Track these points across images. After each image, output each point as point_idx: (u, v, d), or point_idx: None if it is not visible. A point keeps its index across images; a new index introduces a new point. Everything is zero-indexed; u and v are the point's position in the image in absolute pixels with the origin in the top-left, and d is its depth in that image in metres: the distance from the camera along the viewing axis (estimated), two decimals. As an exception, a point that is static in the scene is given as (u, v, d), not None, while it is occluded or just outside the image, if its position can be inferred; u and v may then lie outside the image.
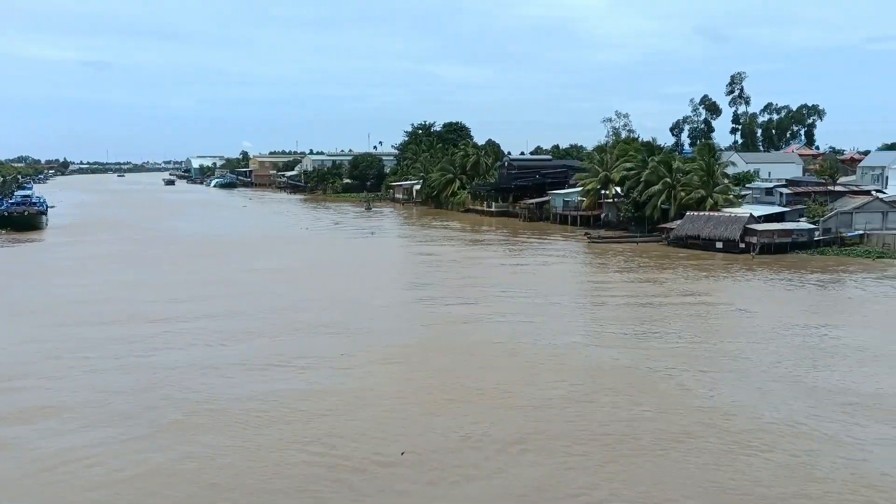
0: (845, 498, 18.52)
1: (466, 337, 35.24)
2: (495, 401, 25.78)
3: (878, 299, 44.22)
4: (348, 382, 28.04)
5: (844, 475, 19.72)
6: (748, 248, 64.04)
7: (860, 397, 25.69)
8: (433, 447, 21.84)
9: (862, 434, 22.47)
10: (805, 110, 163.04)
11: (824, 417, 23.88)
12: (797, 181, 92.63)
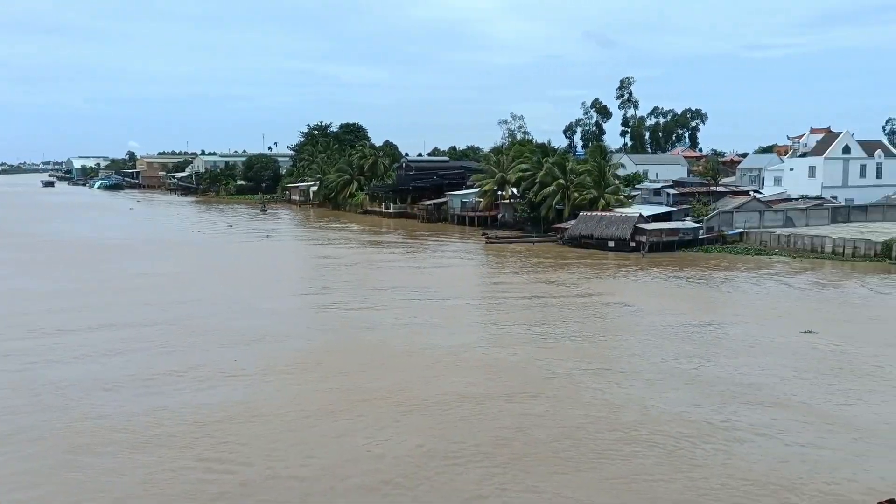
0: (723, 482, 19.30)
1: (365, 339, 34.78)
2: (393, 403, 25.51)
3: (757, 294, 46.63)
4: (241, 392, 27.05)
5: (721, 459, 20.64)
6: (638, 246, 66.29)
7: (737, 387, 26.93)
8: (332, 455, 21.31)
9: (737, 421, 23.57)
10: (689, 114, 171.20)
11: (705, 407, 24.90)
12: (683, 182, 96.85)
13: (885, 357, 30.68)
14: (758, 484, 19.11)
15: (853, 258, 59.86)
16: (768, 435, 22.34)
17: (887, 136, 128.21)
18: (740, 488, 18.96)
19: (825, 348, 32.36)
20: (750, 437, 22.25)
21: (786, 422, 23.42)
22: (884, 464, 20.27)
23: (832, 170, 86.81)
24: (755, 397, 25.83)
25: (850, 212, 77.06)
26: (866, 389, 26.55)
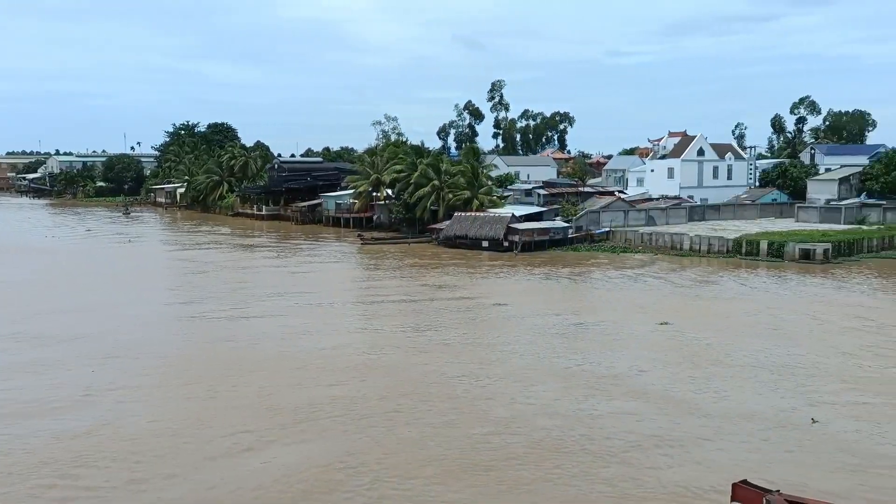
0: (588, 469, 19.89)
1: (234, 345, 33.47)
2: (263, 408, 24.64)
3: (621, 290, 48.63)
4: (99, 405, 25.31)
5: (583, 445, 21.31)
6: (511, 246, 67.68)
7: (600, 378, 27.92)
8: (196, 463, 20.24)
9: (599, 410, 24.44)
10: (558, 117, 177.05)
11: (571, 397, 25.66)
12: (552, 183, 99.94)
13: (734, 346, 32.62)
14: (617, 468, 19.76)
15: (708, 254, 63.62)
16: (627, 422, 23.19)
17: (736, 139, 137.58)
18: (599, 473, 19.55)
19: (679, 339, 34.07)
20: (610, 424, 23.04)
21: (644, 409, 24.39)
22: (734, 446, 21.41)
23: (688, 171, 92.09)
24: (617, 387, 26.81)
25: (705, 211, 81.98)
26: (717, 377, 28.08)
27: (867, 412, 24.02)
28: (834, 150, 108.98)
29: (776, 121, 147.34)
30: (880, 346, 32.61)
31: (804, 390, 26.30)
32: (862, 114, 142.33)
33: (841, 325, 37.09)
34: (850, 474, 19.43)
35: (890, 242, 65.35)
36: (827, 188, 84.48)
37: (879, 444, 21.35)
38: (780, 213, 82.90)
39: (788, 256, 59.37)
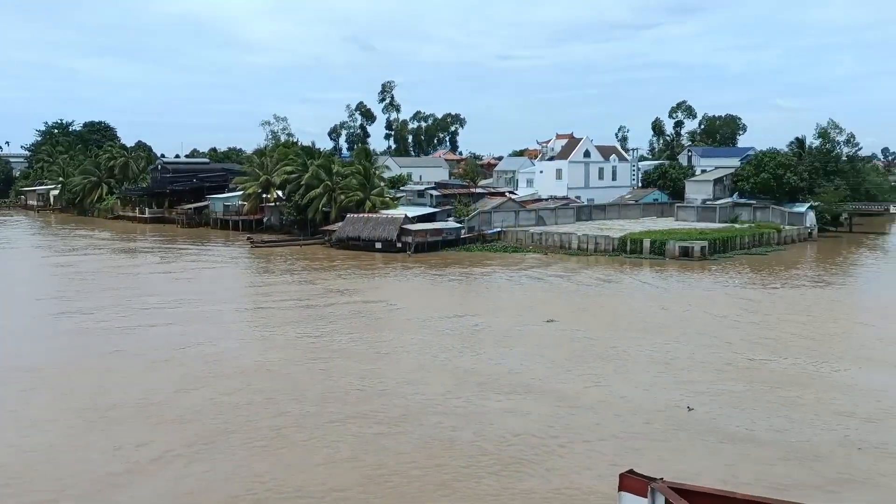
0: (477, 464, 19.99)
1: (113, 353, 31.75)
2: (142, 417, 23.47)
3: (511, 288, 49.49)
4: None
5: (473, 441, 21.25)
6: (404, 247, 67.68)
7: (490, 376, 28.26)
8: (77, 480, 19.01)
9: (490, 406, 24.72)
10: (449, 119, 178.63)
11: (462, 395, 25.85)
12: (445, 184, 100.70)
13: (619, 340, 33.77)
14: (506, 463, 19.99)
15: (595, 253, 65.73)
16: (516, 417, 23.53)
17: (620, 141, 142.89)
18: (489, 469, 19.71)
19: (566, 335, 34.98)
20: (500, 420, 23.31)
21: (532, 404, 24.82)
22: (619, 436, 22.08)
23: (576, 172, 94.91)
24: (506, 384, 27.19)
25: (591, 211, 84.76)
26: (602, 370, 28.96)
27: (739, 399, 25.30)
28: (709, 153, 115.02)
29: (656, 124, 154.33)
30: (752, 336, 34.54)
31: (683, 380, 27.45)
32: (733, 118, 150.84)
33: (717, 317, 39.05)
34: (724, 458, 20.37)
35: (759, 240, 69.59)
36: (703, 188, 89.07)
37: (750, 429, 22.52)
38: (661, 212, 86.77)
39: (669, 254, 62.13)
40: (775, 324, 37.28)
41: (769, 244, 69.96)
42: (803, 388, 26.54)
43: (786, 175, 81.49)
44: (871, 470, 19.54)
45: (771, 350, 31.90)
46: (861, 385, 26.90)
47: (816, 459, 20.23)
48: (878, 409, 24.14)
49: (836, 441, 21.53)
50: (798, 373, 28.54)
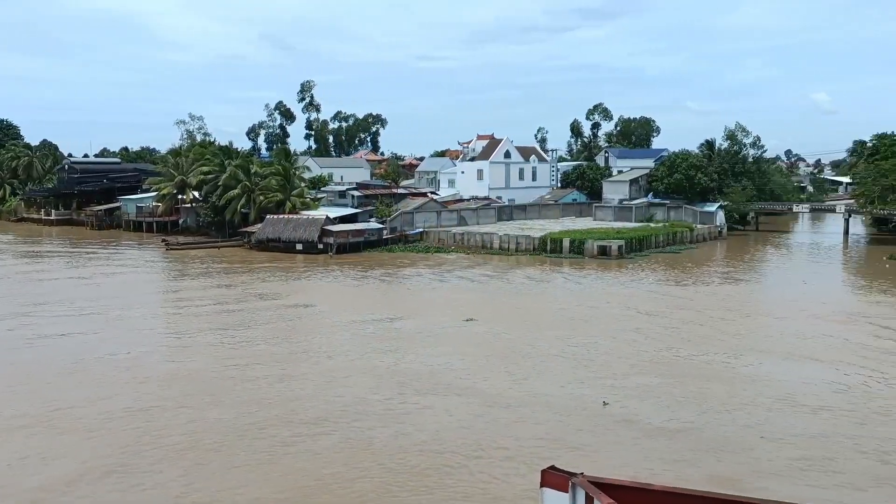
0: (398, 463, 19.90)
1: (17, 361, 30.17)
2: (46, 426, 22.41)
3: (433, 288, 49.62)
4: None
5: (392, 440, 21.30)
6: (326, 248, 66.98)
7: (410, 375, 28.26)
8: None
9: (410, 405, 24.74)
10: (370, 119, 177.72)
11: (382, 396, 25.75)
12: (366, 184, 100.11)
13: (538, 338, 34.28)
14: (427, 460, 20.02)
15: (516, 253, 66.58)
16: (436, 415, 23.56)
17: (539, 142, 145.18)
18: (409, 467, 19.71)
19: (486, 334, 35.29)
20: (420, 419, 23.30)
21: (451, 402, 24.91)
22: (538, 432, 22.33)
23: (496, 173, 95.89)
24: (428, 382, 27.25)
25: (512, 211, 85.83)
26: (521, 368, 29.31)
27: (653, 392, 26.03)
28: (625, 154, 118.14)
29: (574, 126, 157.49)
30: (667, 331, 35.64)
31: (600, 376, 28.06)
32: (648, 120, 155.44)
33: (633, 314, 40.10)
34: (639, 450, 20.91)
35: (673, 238, 71.94)
36: (620, 189, 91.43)
37: (663, 421, 23.19)
38: (579, 212, 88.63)
39: (588, 253, 63.52)
40: (688, 319, 38.56)
41: (682, 242, 72.40)
42: (713, 380, 27.52)
43: (697, 176, 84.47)
44: (774, 457, 20.41)
45: (684, 344, 32.97)
46: (765, 376, 28.08)
47: (724, 449, 20.99)
48: (779, 399, 25.24)
49: (741, 430, 22.39)
50: (709, 366, 29.59)
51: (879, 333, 35.04)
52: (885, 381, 27.15)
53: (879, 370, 28.59)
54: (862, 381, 27.22)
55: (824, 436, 21.89)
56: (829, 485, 18.72)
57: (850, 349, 32.01)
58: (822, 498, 17.66)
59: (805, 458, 20.26)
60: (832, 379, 27.54)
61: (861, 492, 18.10)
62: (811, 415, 23.73)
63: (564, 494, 7.62)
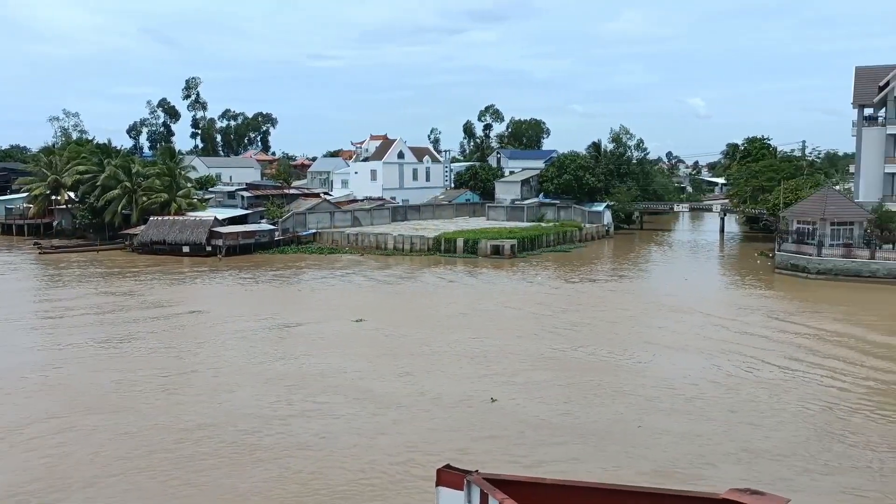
0: (286, 466, 19.36)
1: None
2: None
3: (326, 289, 48.95)
4: None
5: (278, 443, 20.81)
6: (215, 250, 64.88)
7: (300, 377, 27.66)
8: None
9: (299, 408, 24.08)
10: (260, 118, 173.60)
11: (270, 399, 25.07)
12: (257, 185, 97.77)
13: (430, 337, 34.38)
14: (319, 463, 19.63)
15: (411, 253, 66.65)
16: (326, 417, 23.19)
17: (432, 143, 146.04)
18: (300, 470, 19.23)
19: (377, 334, 35.19)
20: (309, 422, 22.85)
21: (343, 404, 24.58)
22: (429, 431, 22.36)
23: (390, 173, 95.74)
24: (316, 385, 26.82)
25: (406, 211, 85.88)
26: (412, 367, 29.26)
27: (541, 388, 26.56)
28: (516, 155, 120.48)
29: (467, 127, 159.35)
30: (557, 328, 36.50)
31: (490, 373, 28.39)
32: (538, 122, 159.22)
33: (524, 312, 40.87)
34: (528, 444, 21.26)
35: (564, 237, 73.93)
36: (511, 189, 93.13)
37: (550, 416, 23.68)
38: (473, 212, 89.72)
39: (482, 252, 64.34)
40: (577, 315, 39.67)
41: (572, 241, 74.51)
42: (598, 373, 28.36)
43: (585, 176, 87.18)
44: (650, 444, 21.24)
45: (573, 340, 33.86)
46: (646, 368, 29.21)
47: (606, 439, 21.64)
48: (657, 389, 26.30)
49: (622, 421, 23.16)
50: (595, 360, 30.49)
51: (751, 325, 37.16)
52: (754, 371, 28.76)
53: (750, 359, 30.28)
54: (734, 370, 28.74)
55: (698, 423, 22.92)
56: (700, 472, 19.53)
57: (725, 340, 33.78)
58: (697, 484, 18.39)
59: (679, 446, 21.14)
60: (708, 369, 28.93)
61: (728, 477, 18.93)
62: (687, 403, 24.81)
63: (460, 492, 7.60)
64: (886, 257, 50.39)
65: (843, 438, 21.68)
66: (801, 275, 52.02)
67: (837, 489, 18.46)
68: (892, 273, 49.15)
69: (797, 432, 22.17)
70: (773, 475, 18.96)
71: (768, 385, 26.81)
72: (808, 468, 19.63)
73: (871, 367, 29.12)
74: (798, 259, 53.26)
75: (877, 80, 62.98)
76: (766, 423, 22.87)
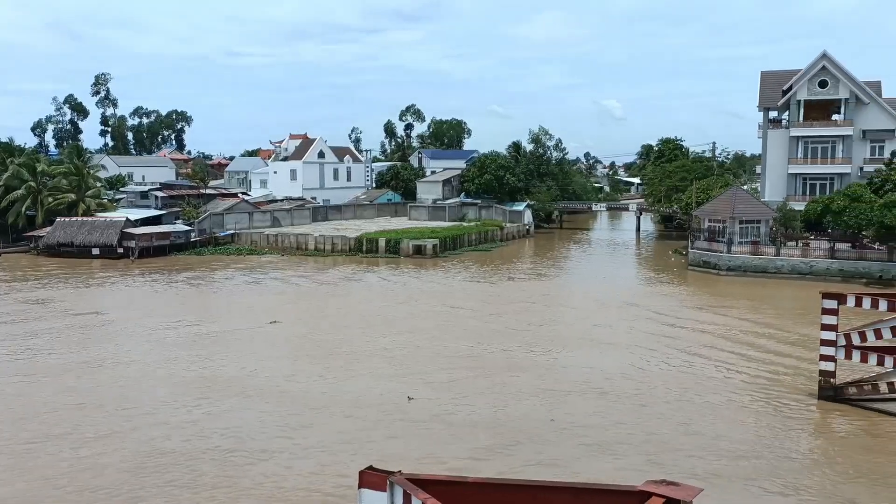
0: (199, 473, 18.76)
1: None
2: None
3: (243, 292, 47.91)
4: None
5: (189, 447, 20.13)
6: (127, 252, 62.68)
7: (214, 381, 26.96)
8: None
9: (213, 411, 23.38)
10: (175, 115, 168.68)
11: (181, 404, 24.36)
12: (172, 184, 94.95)
13: (346, 338, 34.04)
14: (239, 469, 19.10)
15: (333, 253, 65.97)
16: (243, 421, 22.65)
17: (354, 143, 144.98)
18: (214, 476, 18.63)
19: (293, 336, 34.72)
20: (224, 425, 22.31)
21: (260, 406, 24.10)
22: (348, 432, 22.04)
23: (310, 173, 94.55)
24: (231, 389, 26.26)
25: (327, 211, 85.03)
26: (329, 369, 28.88)
27: (459, 386, 26.64)
28: (437, 155, 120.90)
29: (388, 126, 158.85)
30: (477, 326, 36.71)
31: (409, 372, 28.20)
32: (459, 122, 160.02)
33: (445, 310, 40.98)
34: (444, 442, 21.28)
35: (485, 237, 74.60)
36: (433, 189, 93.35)
37: (467, 413, 23.80)
38: (395, 212, 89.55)
39: (404, 252, 64.24)
40: (497, 314, 40.01)
41: (493, 241, 75.25)
42: (515, 371, 28.63)
43: (506, 176, 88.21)
44: (559, 437, 21.65)
45: (492, 338, 34.08)
46: (563, 364, 29.67)
47: (520, 434, 21.86)
48: (572, 384, 26.77)
49: (536, 415, 23.45)
50: (512, 358, 30.76)
51: (663, 320, 38.32)
52: (667, 366, 29.60)
53: (663, 355, 31.17)
54: (647, 365, 29.50)
55: (608, 418, 23.39)
56: (610, 466, 19.95)
57: (639, 336, 34.67)
58: (607, 477, 18.75)
59: (591, 440, 21.57)
60: (621, 364, 29.54)
61: (636, 470, 19.41)
62: (599, 398, 25.30)
63: (383, 493, 7.55)
64: (790, 254, 52.86)
65: (747, 427, 22.54)
66: (713, 272, 54.00)
67: (745, 475, 19.16)
68: (795, 269, 51.59)
69: (701, 421, 22.93)
70: (682, 465, 19.54)
71: (677, 377, 27.65)
72: (713, 456, 20.30)
73: (775, 353, 30.41)
74: (709, 256, 55.27)
75: (781, 84, 66.09)
76: (675, 415, 23.58)
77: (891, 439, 21.90)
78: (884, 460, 20.24)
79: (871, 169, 59.67)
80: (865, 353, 24.00)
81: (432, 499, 7.04)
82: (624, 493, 6.98)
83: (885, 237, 49.55)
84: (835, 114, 65.51)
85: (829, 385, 24.49)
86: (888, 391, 23.76)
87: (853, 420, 23.25)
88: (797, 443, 21.65)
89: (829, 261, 51.00)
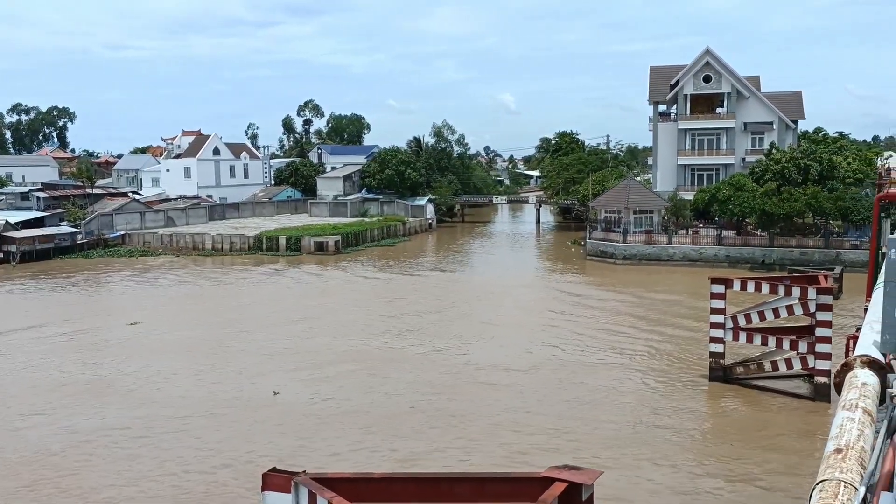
0: (33, 483, 18.01)
1: None
2: None
3: (138, 293, 46.08)
4: None
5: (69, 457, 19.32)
6: (8, 257, 59.01)
7: (81, 384, 26.09)
8: None
9: (72, 417, 22.43)
10: (56, 112, 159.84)
11: (39, 408, 23.71)
12: (55, 184, 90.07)
13: (226, 338, 33.35)
14: (113, 478, 18.25)
15: (231, 252, 64.20)
16: (105, 424, 21.86)
17: (250, 139, 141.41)
18: (69, 485, 17.92)
19: (151, 337, 33.92)
20: (85, 423, 21.56)
21: (121, 410, 23.19)
22: (214, 432, 21.53)
23: (205, 170, 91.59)
24: (93, 392, 25.53)
25: (225, 209, 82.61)
26: (180, 371, 28.20)
27: (336, 379, 26.61)
28: (337, 151, 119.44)
29: (286, 122, 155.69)
30: (372, 321, 36.48)
31: (283, 369, 28.01)
32: (358, 117, 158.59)
33: (339, 306, 40.63)
34: (316, 435, 21.04)
35: (388, 232, 74.37)
36: (334, 185, 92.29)
37: (331, 406, 23.70)
38: (295, 209, 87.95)
39: (305, 249, 63.21)
40: (400, 308, 39.97)
41: (396, 235, 75.09)
42: (399, 363, 28.77)
43: (407, 171, 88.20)
44: (422, 426, 21.96)
45: (395, 332, 34.02)
46: (459, 355, 29.70)
47: (393, 424, 22.10)
48: (477, 372, 27.07)
49: (406, 405, 23.74)
50: (404, 351, 30.84)
51: (561, 308, 39.31)
52: (560, 351, 30.34)
53: (558, 341, 31.91)
54: (550, 354, 30.09)
55: (508, 405, 23.73)
56: (500, 455, 20.08)
57: (535, 324, 35.39)
58: (499, 467, 19.01)
59: (484, 424, 21.86)
60: (517, 352, 30.05)
61: (527, 455, 19.71)
62: (505, 388, 25.60)
63: (287, 495, 7.40)
64: (681, 242, 55.23)
65: (640, 410, 23.35)
66: (610, 260, 55.75)
67: (642, 456, 19.82)
68: (686, 256, 53.91)
69: (594, 405, 23.62)
70: (574, 449, 20.00)
71: (570, 363, 28.39)
72: (605, 439, 20.90)
73: (669, 337, 31.69)
74: (606, 246, 57.04)
75: (669, 79, 68.78)
76: (570, 399, 24.19)
77: (776, 412, 23.23)
78: (772, 432, 21.45)
79: (753, 160, 62.99)
80: (750, 334, 25.35)
81: (338, 497, 6.94)
82: (527, 480, 7.08)
83: (765, 224, 52.48)
84: (719, 107, 68.79)
85: (720, 366, 25.72)
86: (771, 369, 25.18)
87: (742, 397, 24.52)
88: (692, 422, 22.61)
89: (716, 247, 53.59)
